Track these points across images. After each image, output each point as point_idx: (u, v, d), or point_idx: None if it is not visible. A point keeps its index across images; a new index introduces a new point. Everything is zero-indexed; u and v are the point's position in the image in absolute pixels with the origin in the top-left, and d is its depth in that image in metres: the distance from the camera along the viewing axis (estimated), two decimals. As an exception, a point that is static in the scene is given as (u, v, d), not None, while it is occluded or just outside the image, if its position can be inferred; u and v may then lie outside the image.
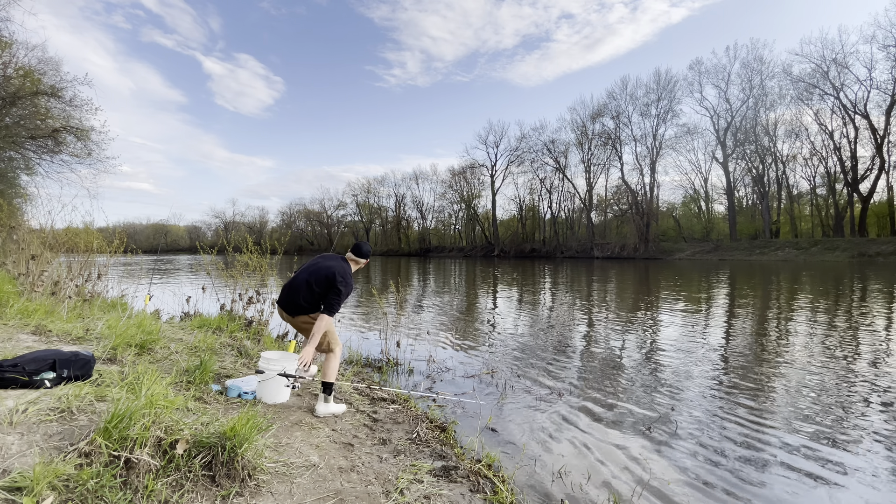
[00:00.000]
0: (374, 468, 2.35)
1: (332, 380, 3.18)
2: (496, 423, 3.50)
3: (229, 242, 7.61)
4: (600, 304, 11.10)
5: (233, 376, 3.67)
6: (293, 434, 2.64)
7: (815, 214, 47.32)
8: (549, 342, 6.60)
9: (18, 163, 21.04)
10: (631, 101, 53.12)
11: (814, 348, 5.97)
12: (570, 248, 55.17)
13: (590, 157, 56.45)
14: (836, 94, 40.73)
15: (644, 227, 48.75)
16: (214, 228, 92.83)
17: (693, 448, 3.11)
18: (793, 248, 39.31)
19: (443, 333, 7.19)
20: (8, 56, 18.14)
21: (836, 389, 4.31)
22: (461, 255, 65.30)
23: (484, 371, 5.01)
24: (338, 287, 3.20)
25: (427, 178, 78.41)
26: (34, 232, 8.12)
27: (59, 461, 1.72)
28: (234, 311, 6.57)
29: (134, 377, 2.74)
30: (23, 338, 3.89)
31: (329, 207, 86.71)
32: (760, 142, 46.94)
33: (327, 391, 3.15)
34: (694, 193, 54.72)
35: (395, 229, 79.24)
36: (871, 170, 40.12)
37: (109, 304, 6.49)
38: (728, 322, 8.31)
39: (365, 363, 5.16)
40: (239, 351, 4.66)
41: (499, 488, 2.29)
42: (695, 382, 4.58)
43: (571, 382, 4.63)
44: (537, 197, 64.08)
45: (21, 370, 2.55)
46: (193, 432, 2.05)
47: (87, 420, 2.24)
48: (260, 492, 1.94)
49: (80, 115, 19.69)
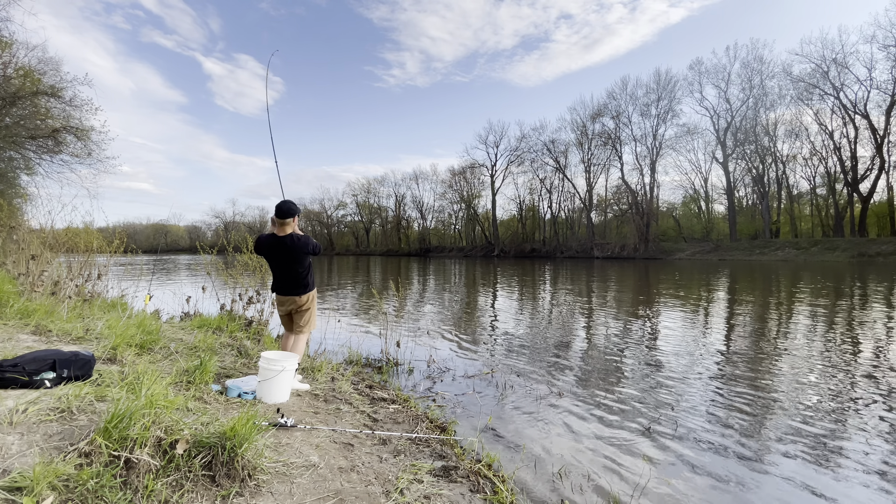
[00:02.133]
0: (374, 468, 2.35)
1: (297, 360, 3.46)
2: (496, 423, 3.50)
3: (229, 242, 7.61)
4: (600, 304, 11.10)
5: (233, 376, 3.67)
6: (293, 434, 2.64)
7: (815, 214, 47.32)
8: (549, 342, 6.60)
9: (18, 163, 21.04)
10: (631, 101, 53.20)
11: (814, 348, 5.97)
12: (570, 248, 55.15)
13: (590, 157, 56.50)
14: (836, 94, 40.75)
15: (644, 227, 48.75)
16: (214, 228, 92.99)
17: (693, 448, 3.11)
18: (793, 248, 39.31)
19: (443, 333, 7.19)
20: (8, 56, 18.14)
21: (837, 390, 4.31)
22: (461, 255, 65.28)
23: (484, 371, 5.01)
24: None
25: (427, 178, 78.57)
26: (34, 232, 8.12)
27: (59, 461, 1.72)
28: (234, 311, 6.57)
29: (134, 377, 2.74)
30: (23, 338, 3.89)
31: (329, 207, 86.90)
32: (760, 142, 46.96)
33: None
34: (694, 193, 54.79)
35: (395, 229, 79.22)
36: (871, 170, 40.15)
37: (109, 304, 6.49)
38: (728, 322, 8.31)
39: (365, 363, 5.16)
40: (239, 351, 4.66)
41: (499, 488, 2.29)
42: (695, 382, 4.58)
43: (571, 382, 4.63)
44: (537, 197, 64.16)
45: (21, 370, 2.55)
46: (193, 432, 2.05)
47: (87, 420, 2.24)
48: (260, 492, 1.94)
49: (80, 115, 19.72)
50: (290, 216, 3.65)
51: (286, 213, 3.64)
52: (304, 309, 3.85)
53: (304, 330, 3.86)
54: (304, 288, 3.80)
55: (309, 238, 3.75)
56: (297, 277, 3.76)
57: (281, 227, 3.66)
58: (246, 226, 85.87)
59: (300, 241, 3.66)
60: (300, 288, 3.79)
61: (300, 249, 3.67)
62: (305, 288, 3.81)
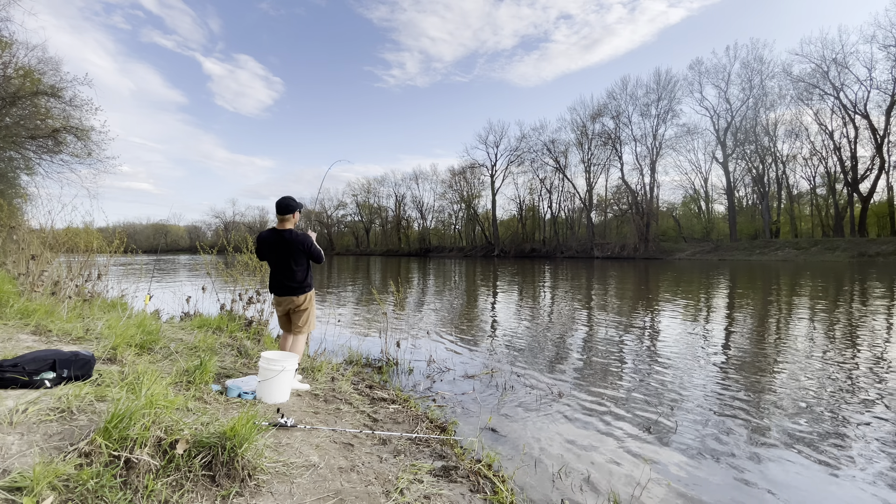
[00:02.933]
0: (374, 468, 2.35)
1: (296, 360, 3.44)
2: (496, 423, 3.50)
3: (229, 242, 7.60)
4: (600, 304, 11.10)
5: (233, 376, 3.67)
6: (293, 434, 2.64)
7: (815, 214, 47.31)
8: (549, 342, 6.60)
9: (18, 163, 21.03)
10: (631, 100, 53.18)
11: (814, 348, 5.97)
12: (570, 248, 55.13)
13: (590, 157, 56.47)
14: (836, 94, 40.75)
15: (644, 227, 48.74)
16: (214, 228, 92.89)
17: (693, 449, 3.11)
18: (793, 248, 39.30)
19: (443, 333, 7.19)
20: (8, 56, 18.14)
21: (837, 390, 4.31)
22: (461, 255, 65.27)
23: (484, 371, 5.01)
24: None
25: (427, 178, 78.46)
26: (34, 232, 8.11)
27: (59, 461, 1.72)
28: (234, 311, 6.56)
29: (134, 377, 2.74)
30: (23, 338, 3.89)
31: (329, 207, 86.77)
32: (760, 142, 46.95)
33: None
34: (694, 193, 54.78)
35: (395, 229, 79.21)
36: (871, 170, 40.15)
37: (109, 304, 6.49)
38: (728, 322, 8.31)
39: (365, 363, 5.16)
40: (239, 351, 4.66)
41: (499, 488, 2.29)
42: (695, 383, 4.58)
43: (571, 382, 4.63)
44: (537, 197, 64.13)
45: (21, 370, 2.55)
46: (193, 432, 2.05)
47: (87, 420, 2.24)
48: (260, 492, 1.94)
49: (80, 114, 19.71)
50: (289, 212, 3.70)
51: (285, 208, 3.70)
52: (301, 309, 3.81)
53: (303, 331, 3.82)
54: (302, 288, 3.76)
55: (309, 238, 3.75)
56: (294, 275, 3.72)
57: (281, 223, 3.73)
58: (246, 226, 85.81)
59: (298, 236, 3.68)
60: (297, 288, 3.74)
61: (297, 244, 3.66)
62: (303, 288, 3.76)
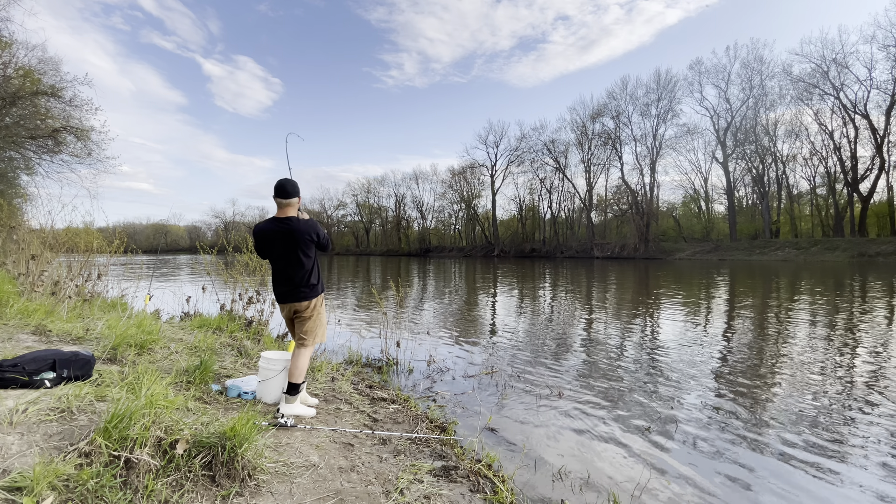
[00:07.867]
0: (374, 468, 2.35)
1: (298, 380, 2.97)
2: (496, 423, 3.50)
3: (229, 242, 7.60)
4: (600, 303, 11.09)
5: (233, 376, 3.67)
6: (293, 434, 2.64)
7: (815, 214, 47.30)
8: (549, 342, 6.60)
9: (18, 163, 21.04)
10: (631, 100, 53.13)
11: (814, 348, 5.97)
12: (570, 248, 55.12)
13: (590, 157, 56.44)
14: (836, 94, 40.72)
15: (644, 227, 48.72)
16: (214, 228, 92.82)
17: (693, 448, 3.11)
18: (793, 248, 39.29)
19: (443, 333, 7.19)
20: (8, 56, 18.15)
21: (837, 390, 4.31)
22: (461, 255, 65.24)
23: (484, 371, 5.01)
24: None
25: (427, 178, 78.58)
26: (34, 232, 8.12)
27: (59, 461, 1.72)
28: (234, 311, 6.57)
29: (134, 377, 2.74)
30: (23, 338, 3.89)
31: (329, 207, 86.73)
32: (760, 142, 46.93)
33: (291, 392, 2.99)
34: (694, 193, 54.76)
35: (395, 229, 79.16)
36: (871, 170, 40.13)
37: (109, 304, 6.49)
38: (728, 322, 8.31)
39: (365, 363, 5.16)
40: (239, 351, 4.66)
41: (499, 488, 2.29)
42: (695, 383, 4.58)
43: (571, 382, 4.63)
44: (537, 197, 64.08)
45: (21, 370, 2.55)
46: (193, 432, 2.05)
47: (87, 420, 2.24)
48: (260, 492, 1.94)
49: (80, 115, 19.74)
50: (293, 196, 3.03)
51: (289, 191, 3.01)
52: (306, 316, 3.11)
53: (307, 342, 3.07)
54: (307, 290, 3.06)
55: (318, 224, 3.11)
56: (299, 274, 3.03)
57: (282, 209, 3.06)
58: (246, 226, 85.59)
59: (305, 224, 3.01)
60: (302, 290, 3.05)
61: (304, 233, 2.99)
62: (308, 290, 3.07)
